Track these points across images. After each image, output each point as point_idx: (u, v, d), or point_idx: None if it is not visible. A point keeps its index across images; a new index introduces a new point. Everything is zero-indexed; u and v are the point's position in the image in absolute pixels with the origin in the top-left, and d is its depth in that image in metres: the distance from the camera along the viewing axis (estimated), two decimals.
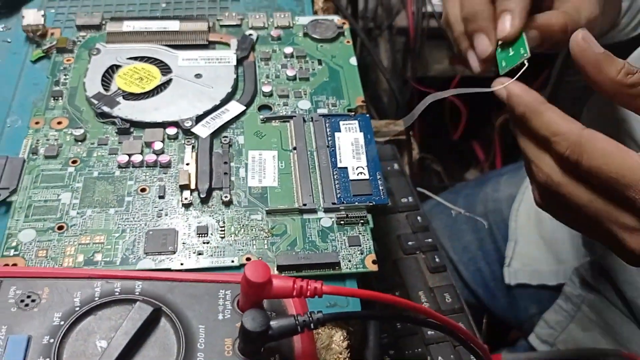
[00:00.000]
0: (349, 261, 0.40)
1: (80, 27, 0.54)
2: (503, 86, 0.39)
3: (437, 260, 0.58)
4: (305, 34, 0.55)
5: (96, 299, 0.33)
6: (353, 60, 0.53)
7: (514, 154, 1.05)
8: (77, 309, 0.32)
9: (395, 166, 0.66)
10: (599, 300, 0.61)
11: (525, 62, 0.39)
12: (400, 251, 0.59)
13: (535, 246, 0.70)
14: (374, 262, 0.40)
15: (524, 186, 0.73)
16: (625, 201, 0.33)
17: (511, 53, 0.41)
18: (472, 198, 0.77)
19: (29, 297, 0.32)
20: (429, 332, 0.52)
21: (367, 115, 0.48)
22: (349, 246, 0.41)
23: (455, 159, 1.18)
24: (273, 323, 0.30)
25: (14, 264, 0.38)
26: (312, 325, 0.31)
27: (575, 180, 0.36)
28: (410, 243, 0.59)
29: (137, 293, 0.33)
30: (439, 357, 0.50)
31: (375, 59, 0.69)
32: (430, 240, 0.59)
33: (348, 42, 0.55)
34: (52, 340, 0.31)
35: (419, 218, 0.61)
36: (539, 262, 0.69)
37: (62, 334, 0.31)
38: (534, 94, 0.37)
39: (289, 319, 0.31)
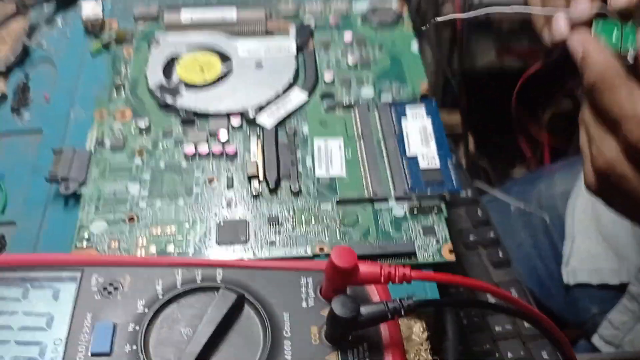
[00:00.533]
0: (425, 251, 0.39)
1: (138, 18, 0.54)
2: (580, 41, 0.32)
3: (500, 255, 0.56)
4: (364, 20, 0.54)
5: (178, 286, 0.32)
6: (414, 46, 0.52)
7: (562, 151, 1.02)
8: (161, 296, 0.32)
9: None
10: None
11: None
12: (462, 246, 0.57)
13: (595, 243, 0.67)
14: (450, 251, 0.39)
15: (580, 181, 0.71)
16: None
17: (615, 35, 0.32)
18: (524, 195, 0.75)
19: (111, 284, 0.32)
20: (497, 328, 0.50)
21: (434, 101, 0.47)
22: (424, 235, 0.40)
23: (501, 156, 1.16)
24: (363, 309, 0.29)
25: None
26: (402, 311, 0.30)
27: (639, 171, 0.31)
28: (471, 237, 0.57)
29: (218, 281, 0.32)
30: (508, 354, 0.49)
31: (433, 49, 0.68)
32: (492, 234, 0.58)
33: (408, 27, 0.54)
34: (137, 328, 0.30)
35: (479, 212, 0.60)
36: (599, 260, 0.66)
37: (147, 322, 0.30)
38: (613, 61, 0.31)
39: (378, 306, 0.30)
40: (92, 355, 0.29)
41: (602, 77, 0.31)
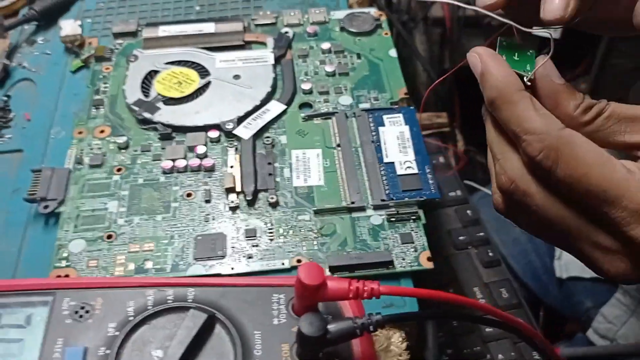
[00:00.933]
0: (403, 259, 0.39)
1: (117, 35, 0.54)
2: (480, 56, 0.31)
3: (490, 254, 0.56)
4: (342, 29, 0.54)
5: (149, 307, 0.32)
6: (393, 52, 0.52)
7: None
8: (131, 318, 0.31)
9: (441, 159, 0.64)
10: None
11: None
12: (452, 247, 0.57)
13: None
14: (429, 259, 0.39)
15: None
16: (604, 219, 0.28)
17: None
18: None
19: (82, 308, 0.32)
20: (487, 330, 0.50)
21: (412, 107, 0.47)
22: (402, 244, 0.39)
23: None
24: (331, 327, 0.29)
25: (66, 275, 0.38)
26: (371, 327, 0.29)
27: (546, 190, 0.30)
28: (461, 238, 0.57)
29: (189, 300, 0.32)
30: (499, 355, 0.48)
31: (414, 51, 0.68)
32: (482, 234, 0.57)
33: (386, 34, 0.53)
34: (108, 352, 0.30)
35: (468, 212, 0.59)
36: None
37: (118, 345, 0.30)
38: (513, 77, 0.30)
39: (347, 322, 0.29)
40: None
41: (501, 93, 0.30)
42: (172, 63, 0.51)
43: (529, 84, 0.31)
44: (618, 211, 0.27)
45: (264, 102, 0.48)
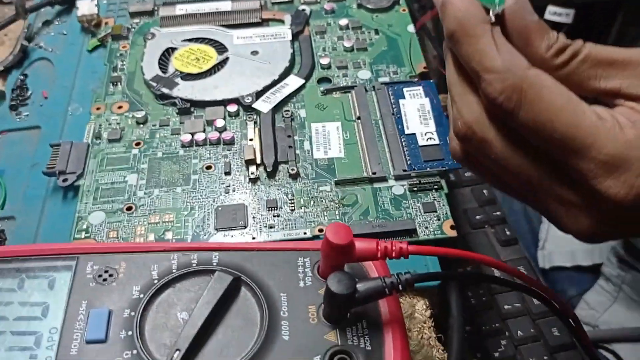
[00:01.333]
0: (426, 228, 0.38)
1: (134, 14, 0.54)
2: None
3: (507, 233, 0.55)
4: (360, 5, 0.54)
5: (174, 271, 0.32)
6: (411, 28, 0.51)
7: None
8: (156, 281, 0.31)
9: None
10: (639, 279, 0.58)
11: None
12: (468, 226, 0.56)
13: None
14: (452, 227, 0.38)
15: None
16: (569, 171, 0.26)
17: None
18: None
19: (106, 272, 0.32)
20: (506, 307, 0.49)
21: (432, 80, 0.46)
22: (425, 213, 0.39)
23: None
24: (359, 285, 0.29)
25: None
26: (400, 286, 0.29)
27: (506, 138, 0.27)
28: (477, 217, 0.56)
29: (214, 264, 0.32)
30: (518, 332, 0.48)
31: (426, 32, 0.67)
32: (498, 213, 0.57)
33: (404, 10, 0.53)
34: (132, 314, 0.30)
35: (484, 191, 0.59)
36: (573, 242, 0.65)
37: (142, 307, 0.30)
38: (476, 8, 0.27)
39: (376, 281, 0.29)
40: (87, 342, 0.29)
41: (462, 25, 0.27)
42: (189, 40, 0.51)
43: (493, 19, 0.27)
44: (585, 162, 0.25)
45: (282, 76, 0.47)
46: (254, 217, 0.39)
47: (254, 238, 0.38)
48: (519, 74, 0.26)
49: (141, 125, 0.45)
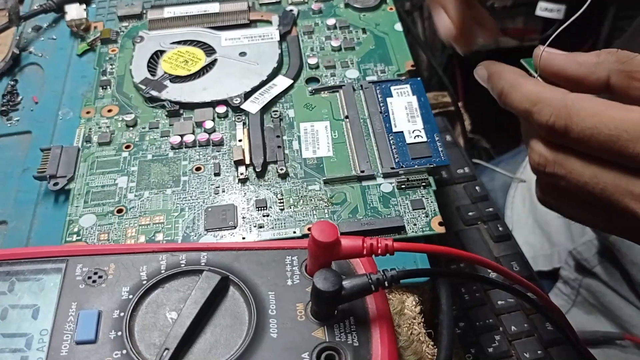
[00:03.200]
0: (414, 225, 0.38)
1: (122, 18, 0.54)
2: (483, 68, 0.35)
3: (500, 229, 0.56)
4: (347, 5, 0.54)
5: (162, 271, 0.32)
6: (398, 26, 0.52)
7: None
8: (145, 282, 0.31)
9: (448, 137, 0.63)
10: (595, 284, 0.58)
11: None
12: (461, 222, 0.57)
13: (531, 232, 0.67)
14: (440, 223, 0.38)
15: (519, 172, 0.70)
16: (634, 162, 0.28)
17: None
18: None
19: (95, 273, 0.32)
20: (499, 302, 0.50)
21: (419, 78, 0.47)
22: (413, 209, 0.39)
23: (503, 137, 1.15)
24: (345, 282, 0.29)
25: None
26: (385, 283, 0.29)
27: (569, 155, 0.31)
28: (470, 214, 0.57)
29: (202, 264, 0.32)
30: (512, 327, 0.48)
31: (414, 36, 0.67)
32: (491, 209, 0.57)
33: (391, 9, 0.53)
34: (122, 314, 0.30)
35: (477, 188, 0.59)
36: (535, 249, 0.66)
37: (131, 308, 0.30)
38: (514, 68, 0.34)
39: (361, 278, 0.29)
40: (78, 343, 0.29)
41: (507, 81, 0.33)
42: (178, 43, 0.51)
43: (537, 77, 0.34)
44: None
45: (271, 77, 0.48)
46: (243, 217, 0.39)
47: (244, 238, 0.38)
48: (560, 96, 0.30)
49: (131, 128, 0.45)
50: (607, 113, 0.28)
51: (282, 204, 0.40)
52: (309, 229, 0.38)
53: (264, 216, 0.39)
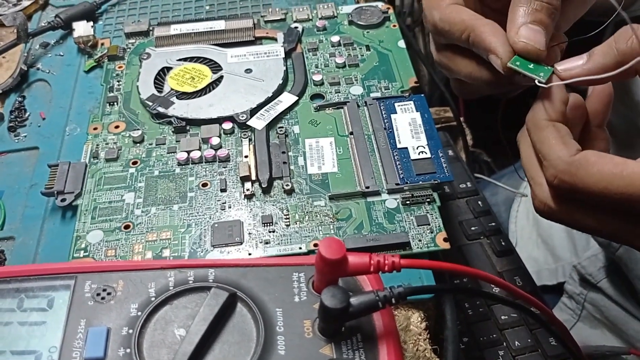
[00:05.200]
0: (419, 240, 0.39)
1: (129, 35, 0.55)
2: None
3: (502, 243, 0.56)
4: (351, 22, 0.55)
5: (171, 288, 0.32)
6: (401, 43, 0.52)
7: None
8: (153, 299, 0.32)
9: (450, 152, 0.64)
10: (600, 299, 0.58)
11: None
12: (464, 237, 0.57)
13: (535, 246, 0.67)
14: (445, 239, 0.39)
15: (522, 187, 0.70)
16: None
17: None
18: None
19: (104, 290, 0.32)
20: (503, 317, 0.50)
21: (422, 95, 0.47)
22: (418, 225, 0.39)
23: (506, 151, 1.15)
24: (353, 299, 0.29)
25: None
26: (393, 300, 0.29)
27: (575, 206, 0.33)
28: (473, 228, 0.57)
29: (210, 280, 0.33)
30: (516, 342, 0.48)
31: (416, 51, 0.68)
32: (493, 224, 0.57)
33: (394, 26, 0.54)
34: (131, 331, 0.30)
35: (479, 203, 0.59)
36: (539, 263, 0.66)
37: (140, 325, 0.31)
38: (542, 110, 0.35)
39: (369, 295, 0.30)
40: None
41: (531, 121, 0.35)
42: (184, 59, 0.51)
43: (540, 85, 0.34)
44: None
45: (276, 94, 0.48)
46: (249, 233, 0.40)
47: (250, 254, 0.39)
48: (565, 159, 0.31)
49: (138, 145, 0.46)
50: (614, 178, 0.30)
51: (287, 220, 0.40)
52: (315, 245, 0.39)
53: (270, 232, 0.40)
